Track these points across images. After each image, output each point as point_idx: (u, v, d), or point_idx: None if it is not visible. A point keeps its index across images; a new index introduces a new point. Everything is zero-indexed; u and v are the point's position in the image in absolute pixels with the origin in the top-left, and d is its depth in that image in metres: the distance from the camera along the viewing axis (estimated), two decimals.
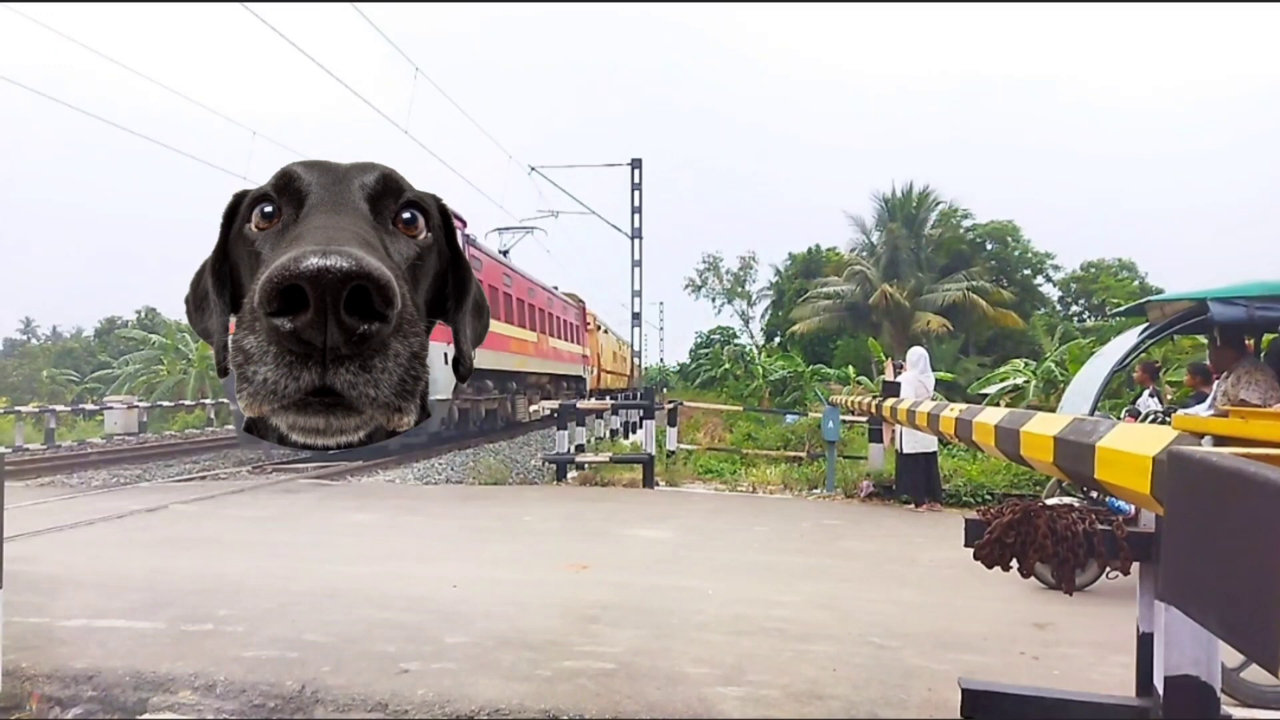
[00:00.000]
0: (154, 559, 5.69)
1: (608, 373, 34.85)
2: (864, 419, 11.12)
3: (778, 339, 46.00)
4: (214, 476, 12.16)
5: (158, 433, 22.21)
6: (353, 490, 9.96)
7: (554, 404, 12.33)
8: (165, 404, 24.06)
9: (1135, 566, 2.31)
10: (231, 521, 7.34)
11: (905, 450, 8.92)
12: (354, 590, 4.86)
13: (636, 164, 24.14)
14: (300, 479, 10.83)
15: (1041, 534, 2.20)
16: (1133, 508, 4.15)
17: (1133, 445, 1.57)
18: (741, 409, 20.18)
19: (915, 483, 9.09)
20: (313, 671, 3.46)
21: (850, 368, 27.34)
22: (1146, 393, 8.36)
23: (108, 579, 5.05)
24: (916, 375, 9.18)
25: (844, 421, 11.14)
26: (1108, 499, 4.11)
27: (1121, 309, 8.60)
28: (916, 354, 9.45)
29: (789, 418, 17.10)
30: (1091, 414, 5.27)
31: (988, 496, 8.97)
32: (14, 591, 2.39)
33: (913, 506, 8.98)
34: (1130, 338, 6.19)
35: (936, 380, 23.29)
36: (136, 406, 22.17)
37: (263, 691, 3.28)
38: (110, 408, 22.29)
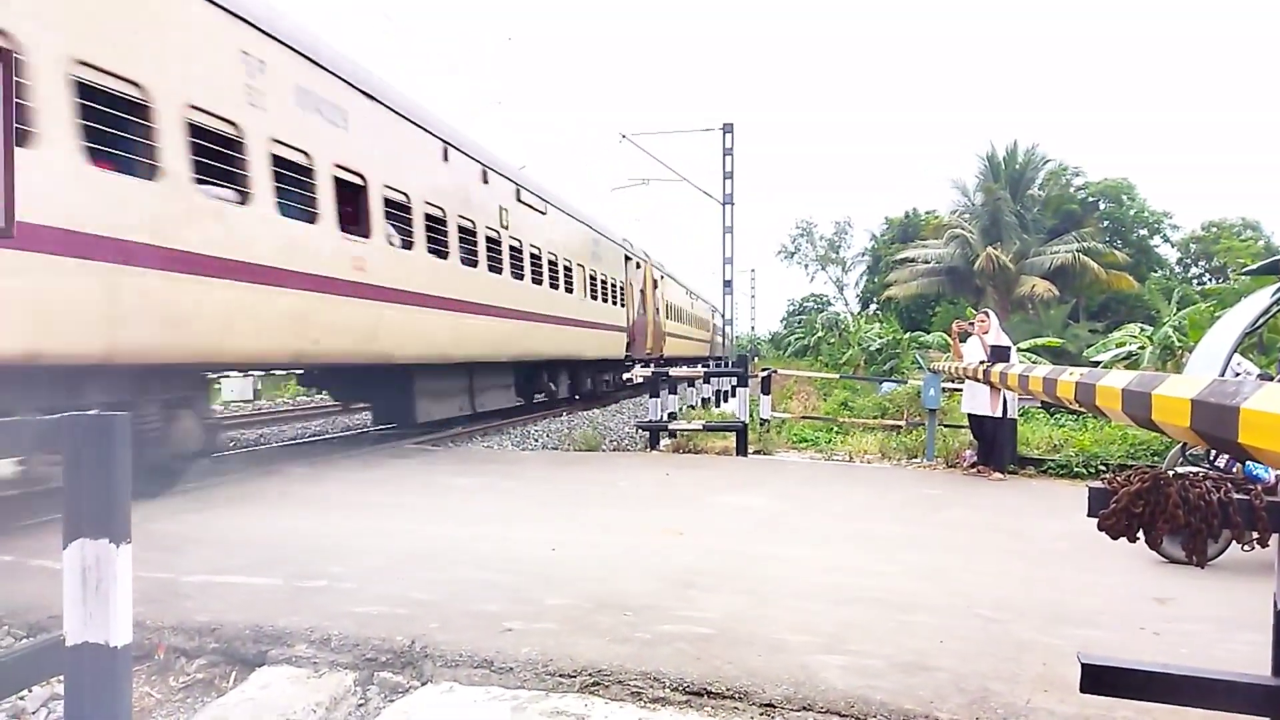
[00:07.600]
0: (269, 519, 5.97)
1: None
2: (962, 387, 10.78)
3: (873, 305, 45.00)
4: (324, 441, 12.69)
5: (270, 399, 23.32)
6: (453, 455, 10.23)
7: (647, 371, 12.33)
8: (278, 372, 25.16)
9: (1273, 539, 2.15)
10: (341, 484, 7.64)
11: (1010, 414, 8.73)
12: (457, 551, 4.99)
13: (728, 128, 23.74)
14: (405, 443, 11.19)
15: (1173, 503, 2.06)
16: (1273, 476, 3.89)
17: None
18: (837, 376, 19.86)
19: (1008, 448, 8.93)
20: (421, 628, 3.57)
21: (946, 334, 26.57)
22: None
23: (226, 537, 5.33)
24: (992, 340, 8.96)
25: (944, 389, 10.81)
26: (1244, 466, 3.86)
27: (1252, 268, 8.01)
28: (994, 319, 9.26)
29: (885, 385, 16.73)
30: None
31: (1101, 467, 8.59)
32: (140, 548, 2.54)
33: (1008, 473, 8.72)
34: (1262, 298, 5.78)
35: (1043, 346, 22.51)
36: (251, 375, 23.27)
37: (375, 645, 3.41)
38: (226, 375, 23.44)
